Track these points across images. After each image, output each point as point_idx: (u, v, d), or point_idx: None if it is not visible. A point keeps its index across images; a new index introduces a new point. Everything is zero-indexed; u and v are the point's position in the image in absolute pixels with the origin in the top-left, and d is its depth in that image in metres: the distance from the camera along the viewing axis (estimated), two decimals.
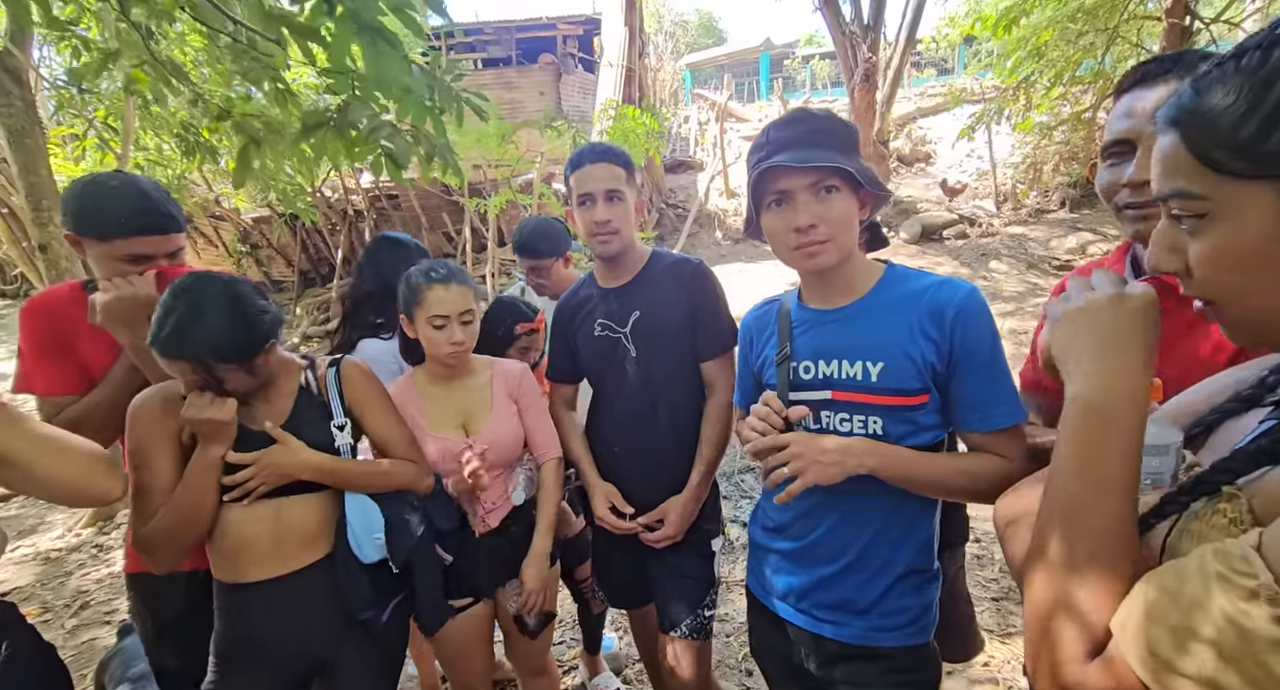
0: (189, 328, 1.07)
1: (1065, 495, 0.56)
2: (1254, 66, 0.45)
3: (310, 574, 1.21)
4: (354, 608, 1.23)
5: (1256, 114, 0.44)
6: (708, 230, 11.00)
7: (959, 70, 15.73)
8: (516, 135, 5.39)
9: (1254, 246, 0.47)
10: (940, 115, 12.78)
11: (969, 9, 8.07)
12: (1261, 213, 0.45)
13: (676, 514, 1.49)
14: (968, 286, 1.00)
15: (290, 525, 1.21)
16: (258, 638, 1.19)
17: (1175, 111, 0.51)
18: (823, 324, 1.07)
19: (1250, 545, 0.41)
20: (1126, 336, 0.56)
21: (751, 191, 1.05)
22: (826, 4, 8.69)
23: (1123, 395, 0.55)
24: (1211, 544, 0.44)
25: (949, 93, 9.81)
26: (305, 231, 10.11)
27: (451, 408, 1.52)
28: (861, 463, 0.95)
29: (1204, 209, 0.49)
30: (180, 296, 1.09)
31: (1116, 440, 0.54)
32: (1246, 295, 0.49)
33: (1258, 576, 0.39)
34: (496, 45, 13.80)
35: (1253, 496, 0.47)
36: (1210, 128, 0.47)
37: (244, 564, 1.19)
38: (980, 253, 8.23)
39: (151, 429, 1.16)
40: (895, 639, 1.04)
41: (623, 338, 1.54)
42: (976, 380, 0.96)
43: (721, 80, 17.75)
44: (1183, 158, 0.49)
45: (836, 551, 1.06)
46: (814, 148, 0.97)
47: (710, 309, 1.53)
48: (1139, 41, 7.08)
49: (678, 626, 1.51)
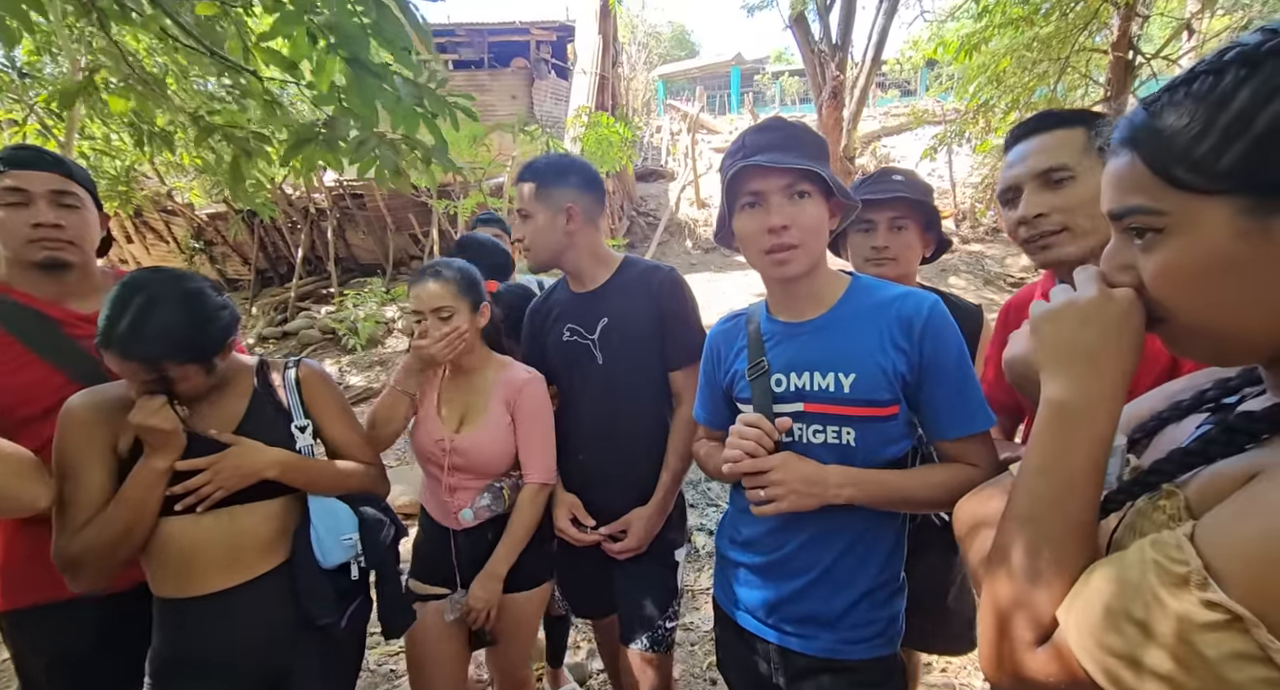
0: (145, 325, 1.00)
1: (1032, 494, 0.57)
2: (1205, 91, 0.48)
3: (265, 582, 1.15)
4: (314, 614, 1.17)
5: (1212, 133, 0.47)
6: (678, 239, 11.09)
7: (921, 92, 16.32)
8: (488, 138, 5.34)
9: (1208, 260, 0.49)
10: (903, 135, 13.21)
11: (931, 34, 8.40)
12: (1217, 227, 0.47)
13: (640, 525, 1.47)
14: (931, 297, 1.02)
15: (245, 533, 1.15)
16: (206, 653, 1.12)
17: (1128, 132, 0.53)
18: (793, 336, 1.07)
19: (1184, 534, 0.44)
20: (1105, 340, 0.56)
21: (726, 193, 1.05)
22: (797, 23, 8.92)
23: (1096, 398, 0.56)
24: (1151, 536, 0.47)
25: (912, 113, 10.17)
26: (264, 229, 9.77)
27: (454, 402, 1.52)
28: (839, 493, 0.97)
29: (1161, 224, 0.51)
30: (134, 292, 1.02)
31: (1086, 442, 0.56)
32: (1198, 309, 0.51)
33: (1189, 563, 0.42)
34: (468, 47, 13.67)
35: (1188, 494, 0.50)
36: (1168, 146, 0.49)
37: (192, 576, 1.11)
38: (940, 268, 8.51)
39: (85, 436, 1.07)
40: (863, 651, 1.05)
41: (590, 344, 1.52)
42: (946, 389, 0.98)
43: (693, 92, 17.98)
44: (1141, 175, 0.51)
45: (805, 566, 1.06)
46: (789, 153, 0.99)
47: (680, 318, 1.51)
48: (1087, 72, 7.48)
49: (639, 638, 1.49)
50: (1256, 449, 0.49)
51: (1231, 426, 0.51)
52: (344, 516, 1.22)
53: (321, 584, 1.17)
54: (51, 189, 1.25)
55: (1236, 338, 0.51)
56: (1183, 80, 0.50)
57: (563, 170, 1.51)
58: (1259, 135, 0.45)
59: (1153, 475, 0.54)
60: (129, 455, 1.09)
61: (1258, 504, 0.43)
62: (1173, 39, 8.23)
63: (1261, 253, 0.46)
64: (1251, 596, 0.39)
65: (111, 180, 7.64)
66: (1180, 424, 0.61)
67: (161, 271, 1.08)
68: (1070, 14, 6.02)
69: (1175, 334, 0.54)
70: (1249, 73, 0.46)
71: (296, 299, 9.13)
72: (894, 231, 1.44)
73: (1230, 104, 0.46)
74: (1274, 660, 0.38)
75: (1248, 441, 0.50)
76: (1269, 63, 0.45)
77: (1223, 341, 0.52)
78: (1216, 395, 0.60)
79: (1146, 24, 7.55)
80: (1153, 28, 9.28)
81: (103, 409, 1.08)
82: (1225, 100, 0.46)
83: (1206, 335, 0.52)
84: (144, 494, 1.06)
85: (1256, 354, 0.53)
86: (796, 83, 20.25)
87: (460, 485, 1.48)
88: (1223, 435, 0.51)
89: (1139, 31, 6.94)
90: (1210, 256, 0.48)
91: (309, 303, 9.18)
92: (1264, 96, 0.44)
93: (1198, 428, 0.58)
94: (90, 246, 1.34)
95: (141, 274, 1.07)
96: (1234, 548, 0.41)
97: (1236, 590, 0.40)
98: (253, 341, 8.23)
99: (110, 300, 1.02)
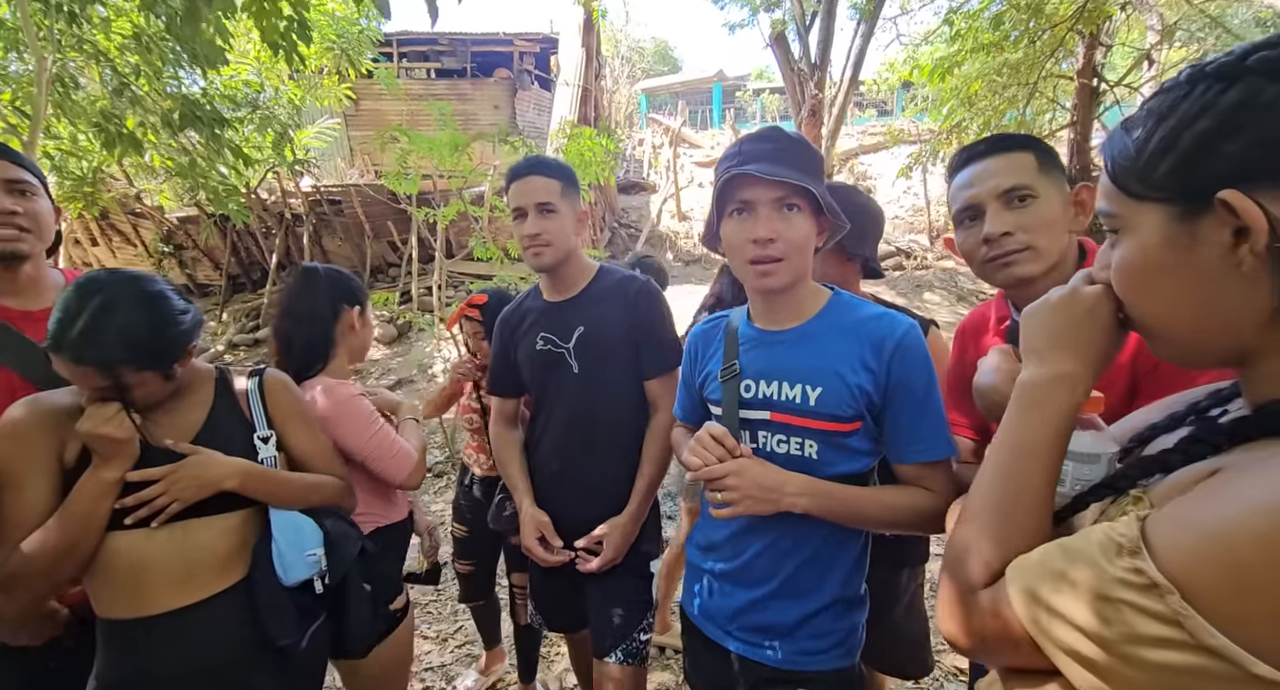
0: (101, 329, 0.95)
1: (995, 460, 0.63)
2: (1157, 107, 0.53)
3: (222, 601, 1.09)
4: (274, 634, 1.11)
5: (1150, 145, 0.52)
6: (659, 251, 11.13)
7: (897, 112, 16.74)
8: (471, 147, 5.33)
9: (1145, 260, 0.54)
10: (880, 153, 13.52)
11: (907, 57, 8.64)
12: (1152, 230, 0.53)
13: (616, 534, 1.46)
14: (907, 321, 1.03)
15: (201, 549, 1.08)
16: (157, 677, 1.05)
17: (1108, 144, 0.58)
18: (767, 344, 1.08)
19: (1137, 516, 0.47)
20: (1072, 328, 0.62)
21: (716, 198, 1.05)
22: (777, 41, 9.10)
23: (1057, 374, 0.62)
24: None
25: (888, 133, 10.41)
26: (236, 233, 9.56)
27: None
28: (795, 502, 0.97)
29: (1117, 225, 0.56)
30: (89, 294, 0.97)
31: (1048, 415, 0.61)
32: (1143, 304, 0.56)
33: (1128, 535, 0.46)
34: (451, 56, 13.66)
35: (1153, 497, 0.53)
36: (1123, 157, 0.55)
37: (142, 595, 1.04)
38: (915, 284, 8.68)
39: (27, 445, 1.00)
40: (822, 662, 1.05)
41: (565, 353, 1.51)
42: (910, 414, 0.99)
43: (675, 107, 18.17)
44: (1107, 182, 0.57)
45: (766, 575, 1.06)
46: (784, 165, 0.98)
47: (655, 327, 1.52)
48: (1054, 97, 7.76)
49: (612, 651, 1.47)
50: (1217, 456, 0.51)
51: (1194, 436, 0.54)
52: (308, 531, 1.17)
53: (282, 601, 1.12)
54: (5, 177, 1.19)
55: (1184, 338, 0.55)
56: (1153, 95, 0.55)
57: (574, 175, 1.53)
58: (1185, 149, 0.50)
59: (1119, 479, 0.58)
60: (75, 466, 1.02)
61: (1208, 495, 0.45)
62: (1134, 68, 8.60)
63: (1189, 257, 0.51)
64: (1175, 569, 0.42)
65: (77, 181, 7.40)
66: (1171, 435, 0.63)
67: (119, 273, 1.04)
68: (1038, 42, 6.25)
69: (1138, 330, 0.59)
70: (1188, 91, 0.51)
71: (269, 306, 8.93)
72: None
73: (1167, 120, 0.51)
74: (1184, 624, 0.40)
75: (1207, 451, 0.52)
76: (1202, 83, 0.50)
77: (1175, 341, 0.56)
78: (1208, 406, 0.61)
79: (1110, 53, 7.87)
80: (1115, 57, 9.68)
81: (49, 417, 1.02)
82: (1164, 117, 0.52)
83: (1159, 333, 0.57)
84: (91, 507, 0.99)
85: (1211, 357, 0.55)
86: (777, 100, 20.62)
87: None
88: (1184, 444, 0.54)
89: (1103, 60, 7.24)
90: (1147, 257, 0.54)
91: None
92: (1193, 114, 0.50)
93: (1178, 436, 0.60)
94: (45, 238, 1.27)
95: (98, 274, 1.02)
96: (1175, 529, 0.44)
97: (1164, 564, 0.43)
98: (223, 348, 8.02)
99: (63, 301, 0.97)
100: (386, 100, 12.01)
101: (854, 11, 8.72)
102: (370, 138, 11.40)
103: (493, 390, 1.67)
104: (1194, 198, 0.49)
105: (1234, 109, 0.47)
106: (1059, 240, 0.99)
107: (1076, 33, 6.09)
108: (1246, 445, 0.49)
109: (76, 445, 1.02)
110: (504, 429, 1.65)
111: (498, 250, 5.39)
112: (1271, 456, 0.46)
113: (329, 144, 9.11)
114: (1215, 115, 0.48)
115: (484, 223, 5.43)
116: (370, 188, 9.04)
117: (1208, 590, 0.40)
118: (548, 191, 1.47)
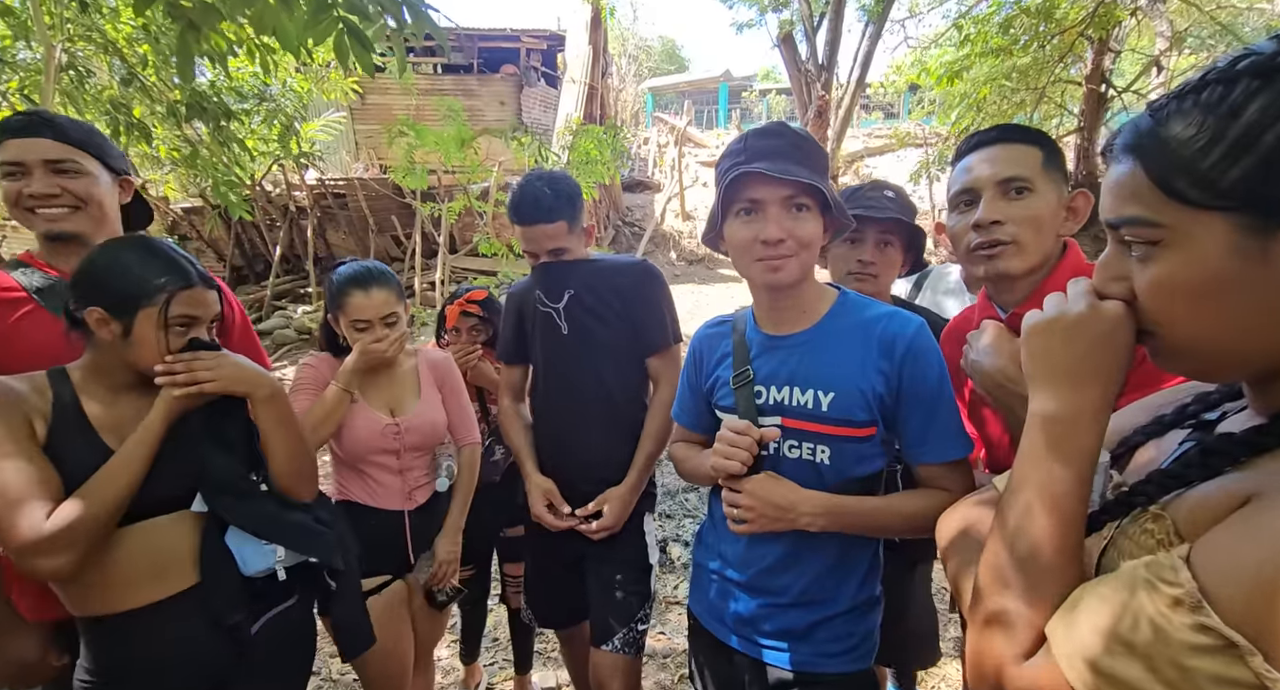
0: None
1: (1019, 508, 0.56)
2: (1215, 101, 0.45)
3: (197, 593, 1.09)
4: (217, 611, 1.09)
5: (1218, 147, 0.45)
6: (663, 250, 11.14)
7: (904, 115, 16.71)
8: (477, 142, 5.33)
9: (1203, 277, 0.47)
10: (886, 156, 13.49)
11: (914, 60, 8.63)
12: (1214, 243, 0.46)
13: (617, 503, 1.49)
14: (916, 320, 1.01)
15: (168, 546, 1.07)
16: (145, 663, 1.06)
17: (1134, 138, 0.51)
18: (776, 349, 1.06)
19: (1180, 556, 0.43)
20: (1092, 353, 0.55)
21: (721, 196, 1.01)
22: (785, 42, 9.10)
23: (1082, 411, 0.55)
24: (1145, 558, 0.46)
25: (894, 135, 10.41)
26: (241, 225, 9.57)
27: (377, 396, 1.56)
28: (812, 522, 0.97)
29: (1158, 236, 0.49)
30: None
31: (1071, 455, 0.55)
32: (1187, 324, 0.50)
33: (1183, 585, 0.41)
34: (458, 52, 13.64)
35: (1177, 517, 0.49)
36: (1173, 157, 0.47)
37: (119, 592, 1.04)
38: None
39: (12, 423, 0.98)
40: (838, 665, 1.04)
41: (554, 313, 1.54)
42: (924, 414, 0.98)
43: (681, 106, 18.16)
44: (1142, 185, 0.49)
45: (783, 585, 1.05)
46: (793, 163, 0.95)
47: (652, 304, 1.55)
48: (1062, 102, 7.74)
49: (610, 640, 1.48)
50: (1237, 471, 0.48)
51: (1210, 449, 0.50)
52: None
53: (228, 578, 1.10)
54: (47, 158, 1.18)
55: (1225, 356, 0.50)
56: (1192, 87, 0.48)
57: (577, 197, 1.52)
58: (1266, 152, 0.43)
59: (1135, 496, 0.54)
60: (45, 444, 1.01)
61: (1254, 530, 0.41)
62: (1143, 75, 8.57)
63: (1258, 273, 0.45)
64: (1245, 623, 0.38)
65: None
66: (1163, 440, 0.61)
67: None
68: (1047, 46, 6.24)
69: (1163, 348, 0.54)
70: (1261, 85, 0.43)
71: (272, 297, 8.94)
72: (879, 248, 1.45)
73: (1239, 117, 0.44)
74: (1269, 689, 0.36)
75: (1227, 465, 0.49)
76: (1257, 77, 0.43)
77: (1210, 359, 0.51)
78: (1198, 410, 0.59)
79: (1118, 59, 7.85)
80: (1124, 63, 9.65)
81: (11, 394, 1.01)
82: (1234, 113, 0.44)
83: (1195, 352, 0.51)
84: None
85: (1242, 371, 0.52)
86: (783, 101, 20.58)
87: (410, 465, 1.58)
88: (1201, 458, 0.50)
89: (1111, 66, 7.22)
90: (1206, 274, 0.47)
91: (285, 302, 9.00)
92: (1275, 112, 0.42)
93: (1180, 445, 0.57)
94: (99, 212, 1.24)
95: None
96: (1230, 574, 0.40)
97: (1231, 616, 0.38)
98: None
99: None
100: (393, 95, 12.01)
101: (862, 13, 8.71)
102: (376, 132, 11.40)
103: (500, 357, 1.74)
104: (1276, 207, 0.43)
105: None
106: (1046, 240, 0.98)
107: (1086, 38, 6.07)
108: (1266, 456, 0.47)
109: (43, 424, 1.01)
110: (510, 401, 1.69)
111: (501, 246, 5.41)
112: None
113: (334, 137, 9.10)
114: None
115: (488, 218, 5.44)
116: (375, 182, 9.05)
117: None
118: (556, 237, 1.49)
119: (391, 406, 1.56)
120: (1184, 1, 7.50)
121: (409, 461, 1.57)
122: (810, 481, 1.00)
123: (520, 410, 1.70)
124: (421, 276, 7.85)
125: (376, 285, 1.46)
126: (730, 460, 0.97)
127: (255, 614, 1.16)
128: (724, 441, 0.99)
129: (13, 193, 1.18)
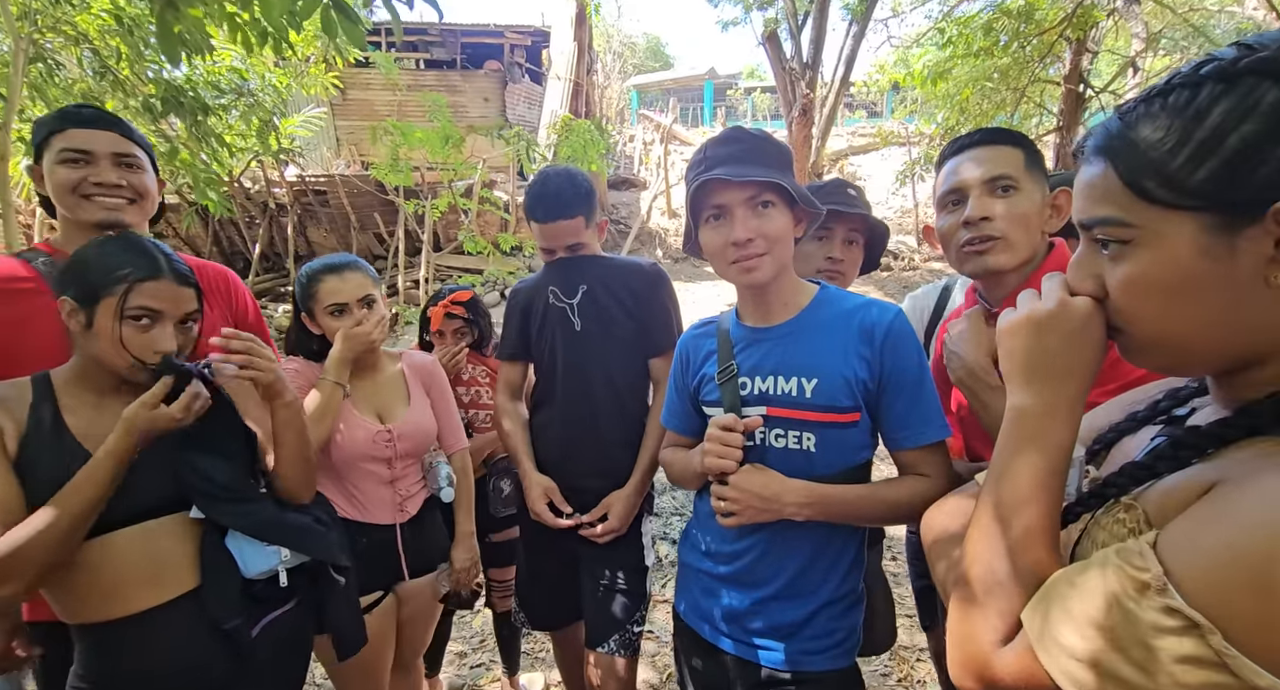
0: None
1: (996, 500, 0.58)
2: (1182, 105, 0.47)
3: (195, 597, 1.06)
4: (217, 614, 1.06)
5: (1185, 149, 0.47)
6: (649, 248, 11.13)
7: (887, 114, 16.87)
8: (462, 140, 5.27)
9: (1173, 274, 0.49)
10: (870, 154, 13.61)
11: (898, 59, 8.72)
12: (1184, 242, 0.48)
13: (621, 505, 1.48)
14: (894, 308, 1.05)
15: (166, 549, 1.05)
16: (142, 672, 1.03)
17: (1104, 140, 0.52)
18: (760, 341, 1.08)
19: (1147, 542, 0.45)
20: (1065, 349, 0.57)
21: (690, 206, 1.06)
22: (769, 40, 9.13)
23: (1055, 405, 0.57)
24: (1115, 545, 0.48)
25: (878, 134, 10.51)
26: (219, 223, 9.39)
27: (363, 399, 1.50)
28: (798, 511, 0.98)
29: (1129, 235, 0.51)
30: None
31: (1047, 448, 0.56)
32: (1156, 320, 0.52)
33: (1150, 570, 0.43)
34: (440, 47, 13.51)
35: (1146, 507, 0.51)
36: (1142, 158, 0.49)
37: (114, 598, 1.01)
38: (902, 285, 8.75)
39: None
40: (822, 662, 1.05)
41: (568, 308, 1.53)
42: (905, 399, 1.00)
43: (667, 104, 18.18)
44: (1113, 185, 0.51)
45: (766, 577, 1.06)
46: (750, 164, 0.99)
47: (660, 306, 1.56)
48: (1041, 102, 7.87)
49: (606, 641, 1.47)
50: (1203, 462, 0.50)
51: (1178, 442, 0.52)
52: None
53: (229, 583, 1.08)
54: (115, 151, 1.23)
55: (1191, 352, 0.52)
56: (1159, 91, 0.50)
57: (591, 193, 1.53)
58: (1230, 154, 0.45)
59: (1107, 488, 0.56)
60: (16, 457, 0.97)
61: (1217, 515, 0.43)
62: (1119, 75, 8.75)
63: (1224, 271, 0.47)
64: (1207, 604, 0.40)
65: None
66: (1136, 435, 0.62)
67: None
68: (1028, 46, 6.33)
69: (1133, 344, 0.55)
70: (1224, 90, 0.46)
71: (253, 295, 8.80)
72: (846, 245, 1.47)
73: (1204, 120, 0.46)
74: (1229, 666, 0.38)
75: (1194, 456, 0.51)
76: (1244, 80, 0.45)
77: (1178, 354, 0.53)
78: (1169, 406, 0.61)
79: (1096, 60, 8.00)
80: (1101, 64, 9.84)
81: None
82: (1199, 116, 0.46)
83: (1163, 347, 0.53)
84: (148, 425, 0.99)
85: (1207, 367, 0.54)
86: (768, 99, 20.66)
87: (402, 474, 1.52)
88: (1169, 450, 0.52)
89: (1089, 66, 7.35)
90: (1175, 271, 0.49)
91: (265, 301, 8.85)
92: (1238, 115, 0.45)
93: (1152, 440, 0.59)
94: (147, 210, 1.32)
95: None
96: (1192, 557, 0.42)
97: (1194, 598, 0.40)
98: None
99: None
100: (374, 90, 11.86)
101: (846, 12, 8.77)
102: (357, 128, 11.25)
103: (500, 354, 1.72)
104: (1240, 206, 0.45)
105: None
106: (1032, 237, 1.02)
107: (1064, 38, 6.17)
108: (1231, 447, 0.49)
109: (15, 436, 0.97)
110: (507, 399, 1.67)
111: (487, 244, 5.36)
112: (1261, 463, 0.45)
113: (315, 133, 8.97)
114: (1264, 117, 0.44)
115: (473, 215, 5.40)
116: (357, 178, 8.93)
117: (1242, 624, 0.39)
118: (575, 233, 1.50)
119: (380, 413, 1.50)
120: (1158, 3, 7.67)
121: (400, 470, 1.50)
122: (801, 472, 1.01)
123: (518, 408, 1.67)
124: (405, 274, 7.77)
125: (349, 269, 1.43)
126: (724, 460, 0.99)
127: (255, 618, 1.14)
128: (713, 440, 1.00)
129: (74, 179, 1.20)
